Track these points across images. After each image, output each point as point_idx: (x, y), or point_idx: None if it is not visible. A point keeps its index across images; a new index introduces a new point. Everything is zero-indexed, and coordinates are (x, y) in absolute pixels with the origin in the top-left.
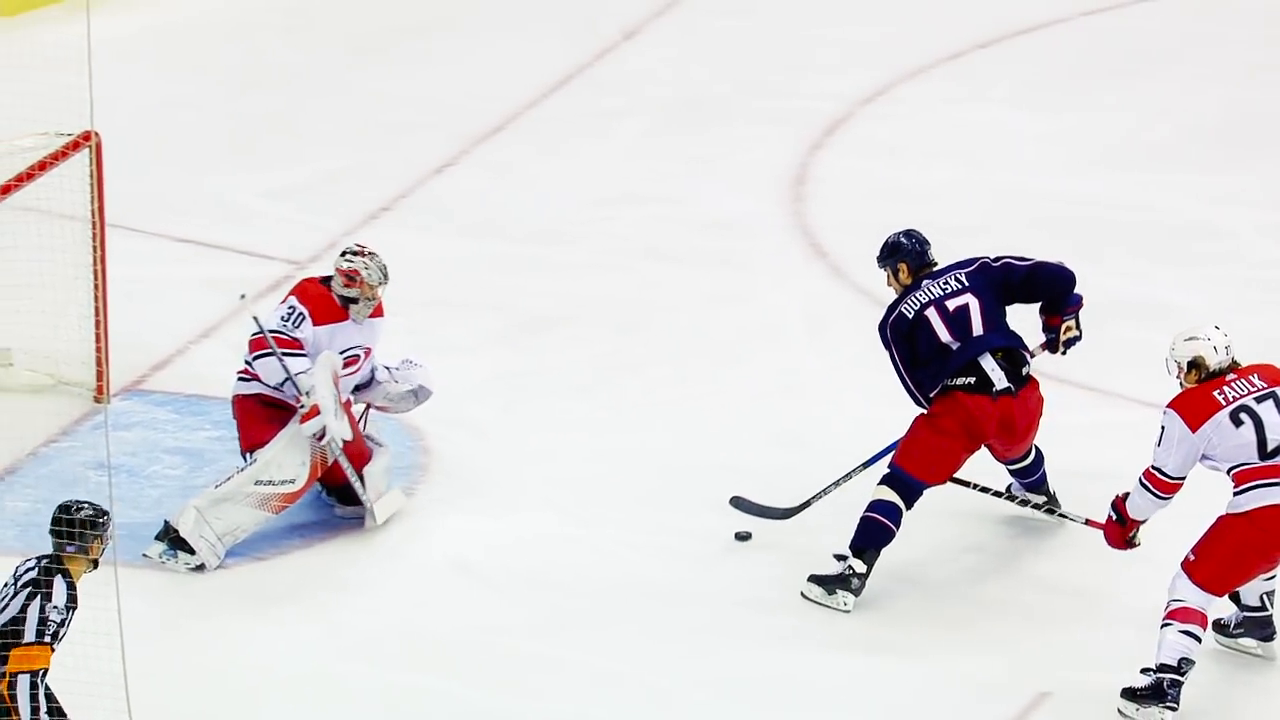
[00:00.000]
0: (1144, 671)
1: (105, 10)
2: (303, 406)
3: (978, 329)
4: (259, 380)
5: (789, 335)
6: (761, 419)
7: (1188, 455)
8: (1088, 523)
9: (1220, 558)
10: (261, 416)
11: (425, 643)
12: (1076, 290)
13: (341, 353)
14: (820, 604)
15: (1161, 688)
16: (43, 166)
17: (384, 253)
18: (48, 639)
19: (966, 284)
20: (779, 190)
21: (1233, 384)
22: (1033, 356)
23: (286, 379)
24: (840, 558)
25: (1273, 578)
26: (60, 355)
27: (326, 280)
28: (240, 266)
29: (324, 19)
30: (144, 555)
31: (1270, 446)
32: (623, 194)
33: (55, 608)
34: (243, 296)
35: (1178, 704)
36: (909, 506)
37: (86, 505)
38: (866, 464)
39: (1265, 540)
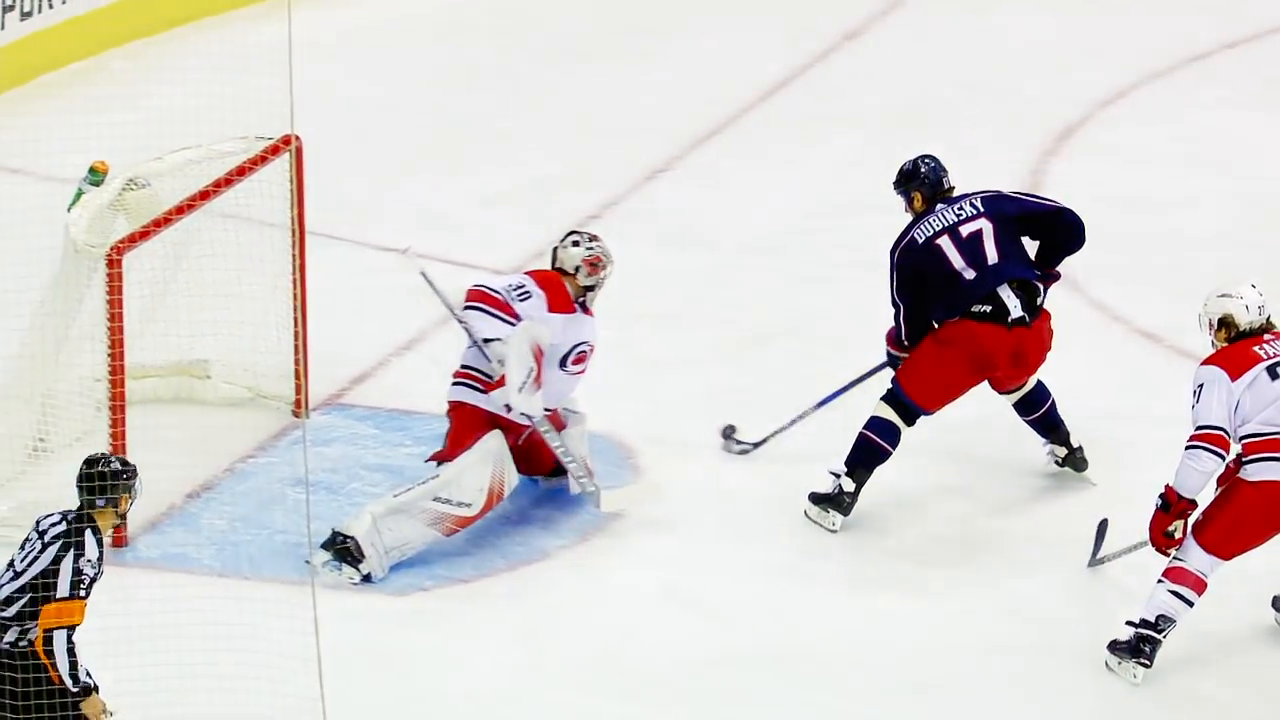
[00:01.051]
0: (1128, 624)
1: (308, 9)
2: (492, 377)
3: (992, 257)
4: (478, 386)
5: None
6: (989, 439)
7: (1229, 407)
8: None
9: (1225, 521)
10: (469, 428)
11: (635, 672)
12: (1059, 270)
13: (575, 347)
14: (815, 522)
15: (1138, 644)
16: (242, 171)
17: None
18: (82, 593)
19: (981, 210)
20: None
21: (1270, 343)
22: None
23: (481, 340)
24: (835, 474)
25: None
26: (258, 368)
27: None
28: (446, 277)
29: (533, 19)
30: (306, 562)
31: None
32: (843, 202)
33: (89, 561)
34: (406, 250)
35: (1150, 662)
36: (909, 424)
37: (114, 459)
38: (834, 395)
39: (1271, 511)
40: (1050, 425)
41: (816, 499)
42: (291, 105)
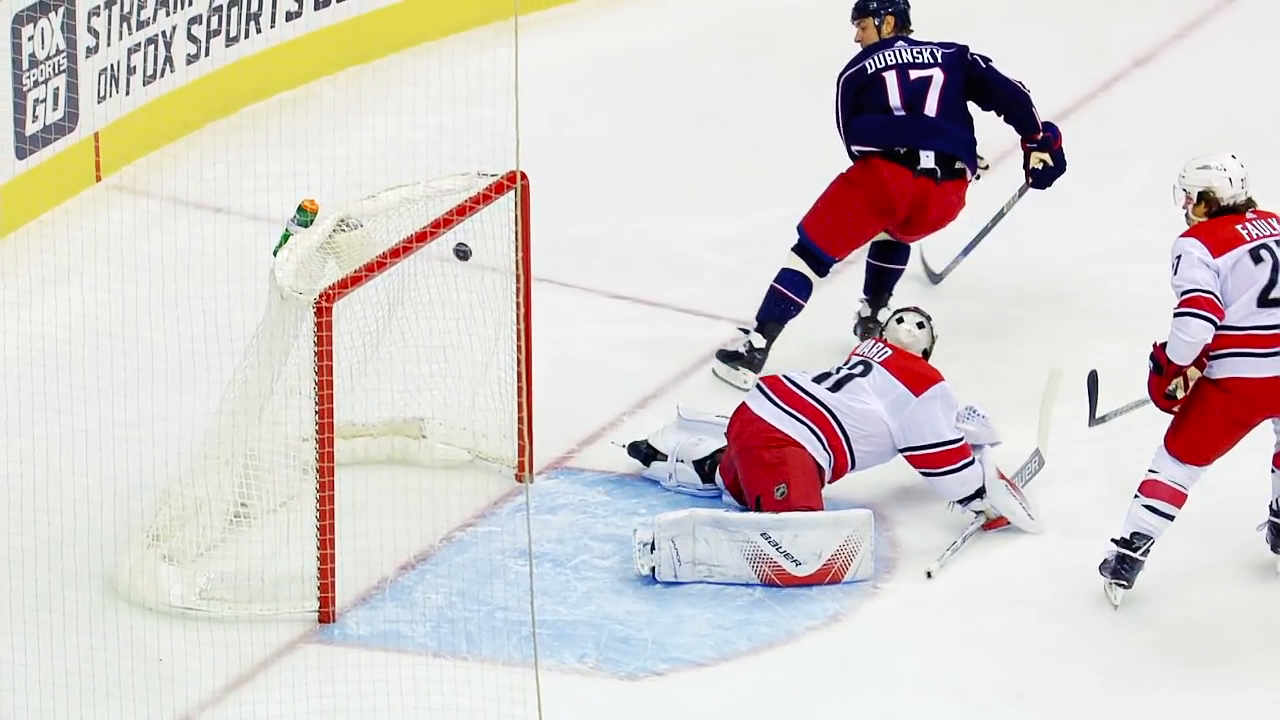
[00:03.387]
0: (1111, 541)
1: (536, 35)
2: (977, 514)
3: (931, 108)
4: (816, 430)
5: None
6: None
7: (1212, 280)
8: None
9: (1191, 425)
10: (812, 479)
11: None
12: (1047, 119)
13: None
14: (725, 381)
15: (1118, 564)
16: (463, 211)
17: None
18: None
19: (939, 60)
20: None
21: (1253, 222)
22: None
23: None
24: (745, 330)
25: None
26: (479, 427)
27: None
28: (684, 328)
29: (784, 46)
30: (636, 532)
31: (1274, 294)
32: (1133, 247)
33: None
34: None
35: (1129, 582)
36: (821, 275)
37: None
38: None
39: (1239, 406)
40: (883, 284)
41: (725, 357)
42: (518, 139)
